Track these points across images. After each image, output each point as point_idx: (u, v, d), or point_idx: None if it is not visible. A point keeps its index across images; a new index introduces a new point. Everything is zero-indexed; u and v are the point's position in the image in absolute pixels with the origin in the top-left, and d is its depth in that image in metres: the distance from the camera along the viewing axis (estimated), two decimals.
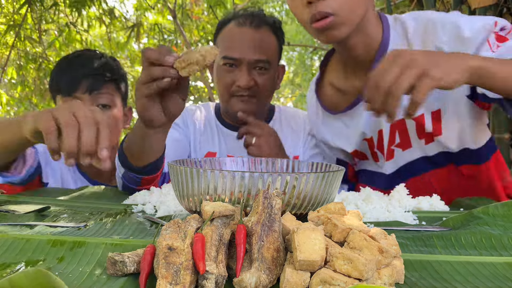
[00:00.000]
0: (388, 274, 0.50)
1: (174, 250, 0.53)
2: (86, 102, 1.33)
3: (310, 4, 0.98)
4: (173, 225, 0.58)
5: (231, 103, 1.40)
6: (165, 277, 0.50)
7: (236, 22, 1.39)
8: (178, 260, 0.51)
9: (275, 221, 0.54)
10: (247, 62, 1.35)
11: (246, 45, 1.35)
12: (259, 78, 1.37)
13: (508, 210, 0.81)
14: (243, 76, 1.35)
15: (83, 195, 1.16)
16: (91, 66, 1.36)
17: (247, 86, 1.36)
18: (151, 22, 4.18)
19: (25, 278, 0.38)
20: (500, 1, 2.13)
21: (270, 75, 1.40)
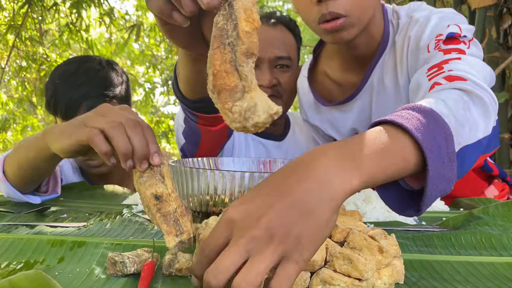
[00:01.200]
0: (388, 274, 0.50)
1: (161, 198, 0.53)
2: None
3: (320, 2, 0.91)
4: (147, 172, 0.57)
5: None
6: (169, 232, 0.51)
7: None
8: (171, 209, 0.52)
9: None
10: (267, 60, 1.28)
11: (265, 42, 1.27)
12: (282, 77, 1.30)
13: (508, 210, 0.81)
14: (265, 75, 1.27)
15: (83, 195, 1.16)
16: (90, 85, 1.25)
17: (270, 85, 1.28)
18: (152, 23, 4.19)
19: (25, 279, 0.38)
20: (500, 1, 2.13)
21: (293, 73, 1.32)
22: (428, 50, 0.90)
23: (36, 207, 0.90)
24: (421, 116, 0.55)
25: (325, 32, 0.95)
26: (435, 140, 0.53)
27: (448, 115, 0.59)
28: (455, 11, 1.02)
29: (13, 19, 3.01)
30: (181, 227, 0.52)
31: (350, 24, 0.93)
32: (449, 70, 0.78)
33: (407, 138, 0.52)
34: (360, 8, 0.94)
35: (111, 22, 3.36)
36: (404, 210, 0.58)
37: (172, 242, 0.53)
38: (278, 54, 1.28)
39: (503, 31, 2.24)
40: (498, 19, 2.19)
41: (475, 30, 1.13)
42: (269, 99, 0.47)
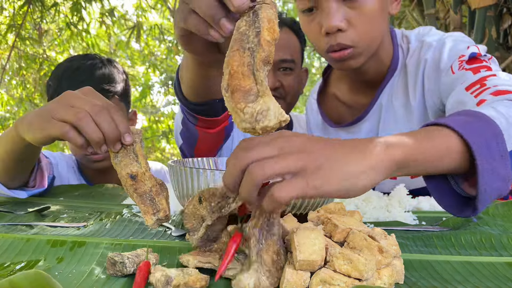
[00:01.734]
0: (388, 274, 0.50)
1: (136, 177, 0.57)
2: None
3: (328, 34, 0.93)
4: (121, 152, 0.60)
5: None
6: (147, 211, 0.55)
7: None
8: (146, 188, 0.56)
9: (274, 225, 0.52)
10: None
11: None
12: (285, 79, 1.31)
13: (508, 210, 0.81)
14: (268, 78, 1.23)
15: (83, 195, 1.16)
16: (91, 81, 1.27)
17: (273, 87, 1.29)
18: (151, 24, 4.19)
19: (25, 279, 0.38)
20: (500, 1, 2.13)
21: (296, 75, 1.35)
22: (452, 71, 0.92)
23: (36, 206, 0.90)
24: (467, 117, 0.58)
25: (333, 60, 0.98)
26: (482, 136, 0.55)
27: (498, 118, 0.61)
28: (464, 35, 1.05)
29: (13, 19, 3.01)
30: (157, 205, 0.56)
31: (357, 54, 0.95)
32: (494, 85, 0.80)
33: (451, 132, 0.55)
34: (368, 38, 0.95)
35: (112, 22, 3.36)
36: (461, 211, 0.60)
37: (150, 221, 0.58)
38: (282, 57, 1.29)
39: (503, 31, 2.24)
40: (498, 19, 2.19)
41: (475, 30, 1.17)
42: (280, 107, 0.48)
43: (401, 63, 1.07)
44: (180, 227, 0.78)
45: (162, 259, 0.60)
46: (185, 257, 0.55)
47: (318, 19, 0.95)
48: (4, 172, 0.88)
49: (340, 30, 0.92)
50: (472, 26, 2.07)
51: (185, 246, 0.65)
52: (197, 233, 0.57)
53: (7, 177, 0.90)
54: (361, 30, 0.93)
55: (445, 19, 2.58)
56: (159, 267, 0.49)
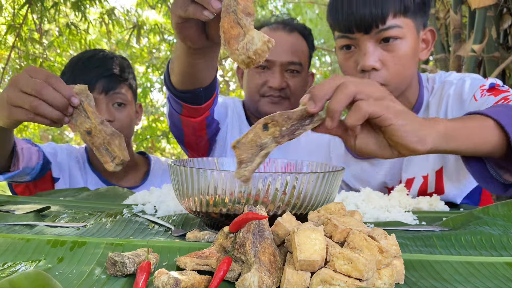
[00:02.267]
0: (388, 274, 0.50)
1: (91, 133, 0.72)
2: (102, 102, 1.35)
3: (363, 72, 1.02)
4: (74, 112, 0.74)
5: (261, 103, 1.41)
6: (105, 161, 0.74)
7: (269, 27, 1.43)
8: (100, 141, 0.71)
9: (264, 230, 0.54)
10: (279, 64, 1.37)
11: (279, 47, 1.37)
12: (291, 81, 1.39)
13: (508, 210, 0.81)
14: (276, 78, 1.36)
15: (83, 195, 1.16)
16: (105, 67, 1.38)
17: (279, 87, 1.37)
18: (152, 23, 4.19)
19: (25, 279, 0.38)
20: (500, 1, 2.13)
21: (302, 78, 1.42)
22: (475, 99, 1.03)
23: (36, 207, 0.90)
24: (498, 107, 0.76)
25: None
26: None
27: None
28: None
29: (13, 19, 3.01)
30: (112, 153, 0.72)
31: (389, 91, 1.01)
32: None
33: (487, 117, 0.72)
34: (399, 79, 1.04)
35: (112, 22, 3.36)
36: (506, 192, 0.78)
37: (110, 168, 0.77)
38: (290, 59, 1.38)
39: (503, 31, 2.24)
40: (498, 19, 2.19)
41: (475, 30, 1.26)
42: (262, 33, 0.63)
43: (426, 102, 1.16)
44: (180, 227, 0.78)
45: (162, 259, 0.60)
46: (181, 260, 0.55)
47: (356, 57, 1.04)
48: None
49: (375, 69, 1.01)
50: (472, 26, 2.07)
51: (185, 246, 0.65)
52: (250, 164, 0.61)
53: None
54: (393, 71, 1.02)
55: (445, 19, 2.58)
56: (164, 270, 0.49)
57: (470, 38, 2.06)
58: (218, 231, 0.61)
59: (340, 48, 1.08)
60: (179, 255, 0.60)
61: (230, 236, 0.56)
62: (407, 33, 1.02)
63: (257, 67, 1.38)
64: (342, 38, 1.05)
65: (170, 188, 1.03)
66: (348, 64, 1.06)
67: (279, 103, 1.39)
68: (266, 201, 0.67)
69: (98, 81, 1.35)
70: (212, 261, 0.54)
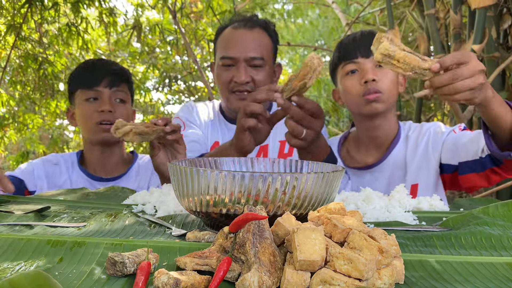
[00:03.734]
0: (388, 274, 0.50)
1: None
2: (106, 95, 1.54)
3: (366, 83, 1.35)
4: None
5: (230, 99, 1.51)
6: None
7: (232, 26, 1.52)
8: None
9: (264, 230, 0.54)
10: (243, 59, 1.46)
11: (242, 44, 1.47)
12: (256, 75, 1.48)
13: (508, 210, 0.81)
14: (240, 73, 1.46)
15: (83, 195, 1.16)
16: (110, 67, 1.62)
17: (244, 82, 1.46)
18: (152, 22, 4.18)
19: (25, 279, 0.38)
20: (500, 1, 2.13)
21: (266, 72, 1.50)
22: (454, 132, 1.42)
23: (36, 207, 0.90)
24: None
25: (366, 102, 1.37)
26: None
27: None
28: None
29: (13, 18, 3.01)
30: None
31: (382, 100, 1.37)
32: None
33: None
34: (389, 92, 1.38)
35: (110, 22, 3.36)
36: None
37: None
38: (252, 55, 1.47)
39: (503, 31, 2.24)
40: (498, 19, 2.19)
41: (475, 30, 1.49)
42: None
43: (405, 135, 1.50)
44: (180, 227, 0.78)
45: (162, 259, 0.60)
46: (181, 260, 0.55)
47: (359, 77, 1.39)
48: None
49: (374, 80, 1.35)
50: (472, 26, 2.07)
51: (185, 246, 0.65)
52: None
53: None
54: (385, 84, 1.37)
55: (445, 19, 2.58)
56: (163, 270, 0.49)
57: (470, 38, 2.06)
58: (218, 231, 0.61)
59: (345, 75, 1.41)
60: (179, 255, 0.60)
61: (230, 236, 0.56)
62: None
63: (223, 64, 1.49)
64: (349, 64, 1.40)
65: (170, 188, 1.03)
66: (353, 83, 1.40)
67: (246, 98, 1.46)
68: (266, 201, 0.67)
69: (105, 78, 1.55)
70: (212, 261, 0.54)
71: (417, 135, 1.49)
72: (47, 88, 3.48)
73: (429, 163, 1.43)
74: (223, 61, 1.49)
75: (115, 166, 1.64)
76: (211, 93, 3.74)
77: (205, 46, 4.62)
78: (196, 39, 4.14)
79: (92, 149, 1.61)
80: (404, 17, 3.07)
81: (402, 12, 3.21)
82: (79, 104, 1.57)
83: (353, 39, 1.42)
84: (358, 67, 1.39)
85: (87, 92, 1.55)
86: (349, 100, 1.44)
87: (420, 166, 1.44)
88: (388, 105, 1.40)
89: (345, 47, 1.42)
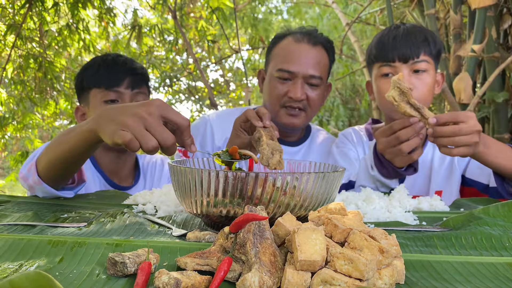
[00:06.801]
0: (389, 274, 0.50)
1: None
2: (127, 97, 1.42)
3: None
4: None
5: (280, 114, 1.45)
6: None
7: (294, 38, 1.46)
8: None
9: (265, 230, 0.54)
10: (302, 76, 1.41)
11: (303, 60, 1.42)
12: (311, 93, 1.44)
13: (509, 210, 0.81)
14: (297, 89, 1.41)
15: (83, 195, 1.15)
16: (132, 66, 1.46)
17: (299, 99, 1.42)
18: (152, 23, 4.18)
19: (26, 280, 0.38)
20: (500, 1, 2.13)
21: (321, 91, 1.47)
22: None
23: (36, 206, 0.90)
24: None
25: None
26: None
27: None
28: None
29: (13, 18, 3.00)
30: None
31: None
32: None
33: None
34: (424, 99, 1.34)
35: (112, 19, 3.36)
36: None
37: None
38: (312, 73, 1.42)
39: (503, 31, 2.23)
40: (498, 19, 2.19)
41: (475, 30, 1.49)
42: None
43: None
44: (180, 227, 0.78)
45: (163, 259, 0.60)
46: (182, 260, 0.55)
47: None
48: (57, 172, 0.97)
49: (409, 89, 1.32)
50: (472, 26, 2.07)
51: (185, 246, 0.65)
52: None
53: (58, 177, 0.98)
54: (420, 92, 1.33)
55: (445, 19, 2.58)
56: (164, 270, 0.49)
57: (470, 38, 2.06)
58: (218, 231, 0.61)
59: (380, 76, 1.38)
60: (179, 255, 0.60)
61: (231, 237, 0.56)
62: (430, 69, 1.36)
63: (279, 77, 1.43)
64: (385, 67, 1.35)
65: (170, 188, 1.03)
66: (387, 87, 1.32)
67: (297, 115, 1.44)
68: (266, 202, 0.67)
69: (126, 77, 1.42)
70: (213, 261, 0.54)
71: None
72: (48, 88, 3.48)
73: (454, 172, 1.42)
74: (280, 74, 1.42)
75: (128, 174, 1.54)
76: (211, 93, 3.74)
77: (204, 46, 4.61)
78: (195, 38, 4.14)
79: (106, 154, 1.49)
80: (404, 17, 3.07)
81: (402, 12, 3.21)
82: (95, 105, 1.43)
83: (394, 37, 1.35)
84: (394, 71, 1.34)
85: (106, 93, 1.40)
86: (382, 103, 1.39)
87: (446, 174, 1.42)
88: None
89: (383, 46, 1.34)
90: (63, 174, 0.98)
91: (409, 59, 1.32)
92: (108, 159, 1.49)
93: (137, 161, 1.60)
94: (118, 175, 1.51)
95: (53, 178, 0.98)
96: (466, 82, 2.08)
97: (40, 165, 0.97)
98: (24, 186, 1.08)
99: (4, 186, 5.41)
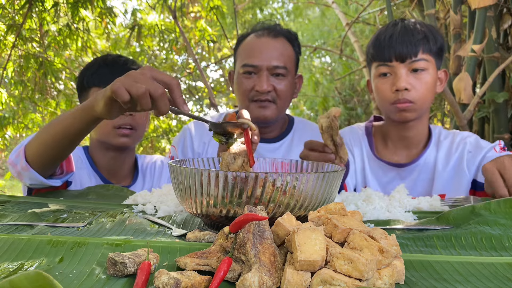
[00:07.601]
0: (389, 274, 0.50)
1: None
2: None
3: (397, 91, 1.31)
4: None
5: (250, 108, 1.45)
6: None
7: (255, 34, 1.48)
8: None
9: (265, 230, 0.54)
10: (265, 68, 1.42)
11: (265, 52, 1.43)
12: (278, 84, 1.44)
13: (510, 207, 0.81)
14: (262, 81, 1.42)
15: (83, 195, 1.16)
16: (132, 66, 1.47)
17: (266, 91, 1.42)
18: (152, 23, 4.18)
19: (25, 280, 0.38)
20: (500, 1, 2.13)
21: (288, 81, 1.47)
22: (495, 150, 1.35)
23: (36, 206, 0.90)
24: None
25: (396, 109, 1.33)
26: None
27: None
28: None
29: (13, 18, 3.01)
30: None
31: (413, 109, 1.33)
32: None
33: None
34: (423, 100, 1.33)
35: (111, 21, 3.36)
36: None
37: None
38: (276, 64, 1.43)
39: (503, 31, 2.23)
40: (498, 19, 2.19)
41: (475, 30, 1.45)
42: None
43: (436, 139, 1.44)
44: (180, 227, 0.78)
45: (163, 259, 0.60)
46: (182, 260, 0.55)
47: (391, 82, 1.33)
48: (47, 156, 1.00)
49: (406, 90, 1.31)
50: (472, 26, 2.07)
51: (185, 246, 0.65)
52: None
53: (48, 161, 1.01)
54: (419, 93, 1.32)
55: (445, 19, 2.58)
56: (164, 270, 0.49)
57: (470, 38, 2.06)
58: (218, 231, 0.61)
59: (377, 76, 1.36)
60: (179, 255, 0.60)
61: (231, 237, 0.56)
62: (430, 67, 1.33)
63: (245, 72, 1.44)
64: (382, 66, 1.34)
65: (170, 188, 1.03)
66: (384, 87, 1.34)
67: (267, 107, 1.44)
68: (266, 202, 0.67)
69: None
70: (213, 261, 0.54)
71: (449, 143, 1.43)
72: (48, 88, 3.48)
73: (462, 175, 1.37)
74: (244, 69, 1.44)
75: (127, 174, 1.55)
76: (211, 93, 3.74)
77: (204, 46, 4.61)
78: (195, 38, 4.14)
79: (104, 153, 1.49)
80: (404, 17, 3.07)
81: (402, 12, 3.21)
82: None
83: (391, 36, 1.33)
84: (391, 71, 1.33)
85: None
86: (380, 103, 1.39)
87: (451, 177, 1.39)
88: (420, 112, 1.35)
89: (380, 46, 1.33)
90: (55, 157, 1.01)
91: (406, 58, 1.30)
92: (106, 159, 1.49)
93: (136, 162, 1.60)
94: (116, 175, 1.51)
95: (43, 163, 1.00)
96: (466, 82, 2.07)
97: (30, 150, 1.00)
98: (12, 173, 1.11)
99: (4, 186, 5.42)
